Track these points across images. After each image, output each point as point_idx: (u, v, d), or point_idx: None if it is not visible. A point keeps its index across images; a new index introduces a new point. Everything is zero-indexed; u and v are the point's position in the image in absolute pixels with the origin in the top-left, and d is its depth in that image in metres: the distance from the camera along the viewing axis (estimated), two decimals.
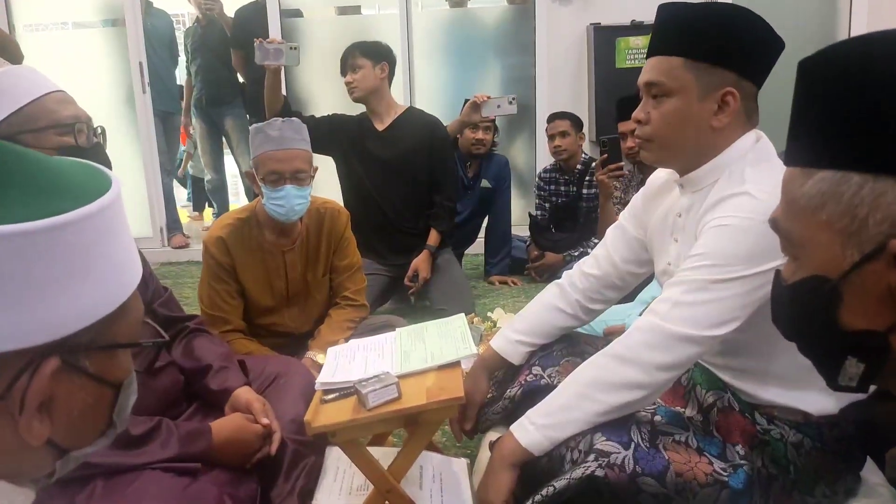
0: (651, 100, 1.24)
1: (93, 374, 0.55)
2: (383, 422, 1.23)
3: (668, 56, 1.20)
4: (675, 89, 1.20)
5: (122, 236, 0.58)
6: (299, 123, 1.89)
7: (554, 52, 4.02)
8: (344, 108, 2.99)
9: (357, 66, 2.75)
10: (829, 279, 0.58)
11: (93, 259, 0.53)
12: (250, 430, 1.35)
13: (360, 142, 2.84)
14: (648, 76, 1.23)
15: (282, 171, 1.85)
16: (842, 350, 0.59)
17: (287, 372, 1.67)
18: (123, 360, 0.60)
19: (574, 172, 3.44)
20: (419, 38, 4.20)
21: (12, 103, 1.21)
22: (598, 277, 1.50)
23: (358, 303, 2.12)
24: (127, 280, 0.58)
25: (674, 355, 1.12)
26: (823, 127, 0.58)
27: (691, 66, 1.18)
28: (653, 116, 1.24)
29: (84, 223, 0.52)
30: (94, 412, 0.58)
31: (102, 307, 0.55)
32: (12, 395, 0.51)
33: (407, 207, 2.87)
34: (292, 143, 1.86)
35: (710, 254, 1.12)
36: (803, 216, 0.60)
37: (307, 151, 1.91)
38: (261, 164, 1.87)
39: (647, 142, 1.27)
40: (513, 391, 1.47)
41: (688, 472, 1.12)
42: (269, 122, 1.85)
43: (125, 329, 0.58)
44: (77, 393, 0.55)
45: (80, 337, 0.54)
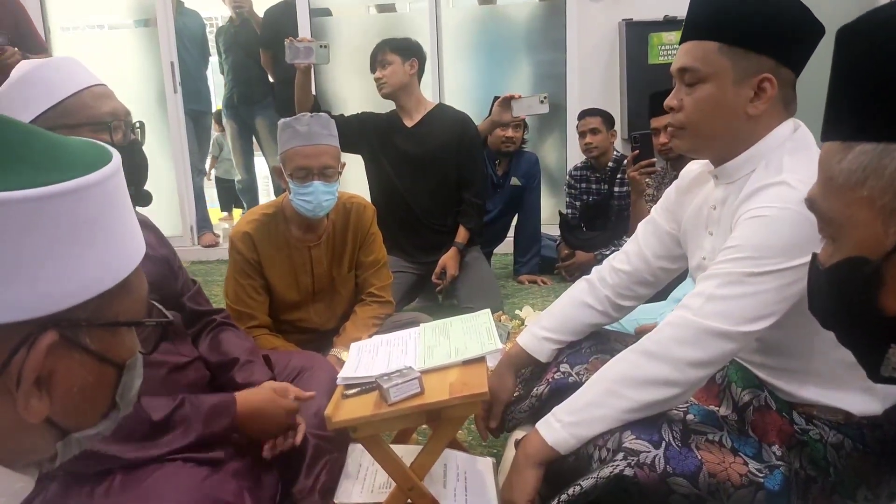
0: (684, 86, 1.20)
1: (93, 351, 0.54)
2: (405, 417, 1.21)
3: (703, 41, 1.16)
4: (710, 75, 1.15)
5: (123, 211, 0.57)
6: (327, 118, 1.88)
7: (585, 48, 3.97)
8: (373, 106, 2.98)
9: (386, 63, 2.74)
10: (870, 260, 0.54)
11: (93, 231, 0.52)
12: (280, 403, 1.32)
13: (389, 139, 2.83)
14: (682, 62, 1.19)
15: (309, 166, 1.84)
16: (884, 338, 0.55)
17: (311, 367, 1.66)
18: (127, 339, 0.59)
19: (605, 170, 3.38)
20: (449, 36, 4.18)
21: (51, 97, 1.21)
22: (628, 273, 1.46)
23: (383, 299, 2.10)
24: (128, 255, 0.57)
25: (707, 352, 1.07)
26: (865, 97, 0.54)
27: (727, 51, 1.13)
28: (686, 103, 1.19)
29: (83, 193, 0.51)
30: (96, 391, 0.57)
31: (103, 282, 0.54)
32: (10, 369, 0.50)
33: (435, 205, 2.85)
34: (320, 139, 1.84)
35: (746, 246, 1.07)
36: (842, 193, 0.55)
37: (335, 147, 1.90)
38: (288, 160, 1.87)
39: (680, 129, 1.22)
40: (540, 389, 1.44)
41: (721, 472, 1.07)
42: (297, 118, 1.84)
43: (128, 307, 0.57)
44: (77, 370, 0.54)
45: (80, 312, 0.53)
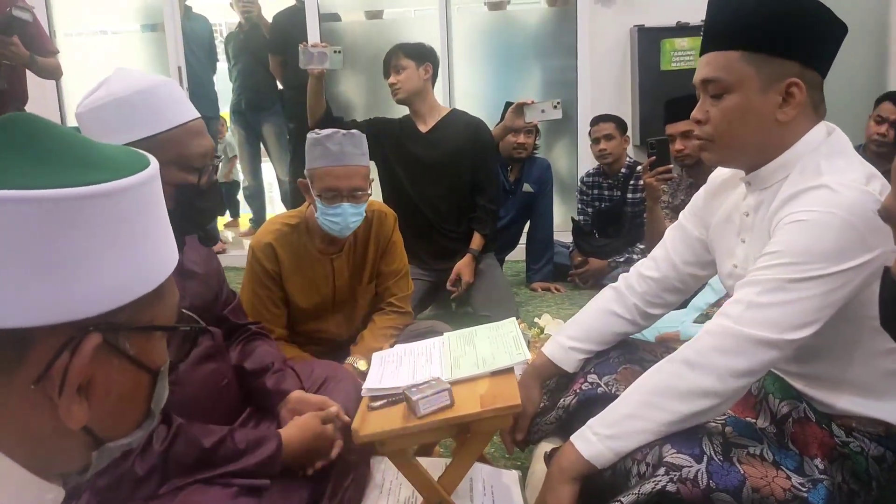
0: (709, 98, 1.17)
1: (132, 356, 0.54)
2: (434, 431, 1.18)
3: (724, 51, 1.14)
4: (735, 84, 1.13)
5: (160, 217, 0.57)
6: (360, 137, 1.83)
7: (596, 54, 3.94)
8: (382, 111, 2.98)
9: (401, 67, 2.72)
10: None
11: (131, 234, 0.53)
12: (326, 436, 1.30)
13: (403, 144, 2.81)
14: (705, 73, 1.16)
15: (339, 188, 1.79)
16: None
17: (335, 376, 1.63)
18: (160, 345, 0.59)
19: (618, 176, 3.35)
20: (458, 41, 4.17)
21: (148, 127, 1.15)
22: (657, 280, 1.43)
23: (403, 310, 2.07)
24: (165, 261, 0.57)
25: (749, 361, 1.04)
26: None
27: (750, 58, 1.11)
28: (712, 115, 1.17)
29: (121, 195, 0.51)
30: (132, 398, 0.56)
31: (141, 285, 0.54)
32: (52, 374, 0.49)
33: (449, 211, 2.83)
34: (352, 159, 1.80)
35: (787, 251, 1.04)
36: None
37: (366, 167, 1.85)
38: (317, 179, 1.82)
39: (709, 142, 1.20)
40: (567, 400, 1.41)
41: (765, 487, 1.04)
42: (328, 135, 1.79)
43: (162, 313, 0.57)
44: (116, 376, 0.53)
45: (119, 315, 0.52)
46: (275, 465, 1.21)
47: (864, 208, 1.02)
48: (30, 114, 0.52)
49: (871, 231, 1.01)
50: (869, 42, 3.85)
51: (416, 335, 2.04)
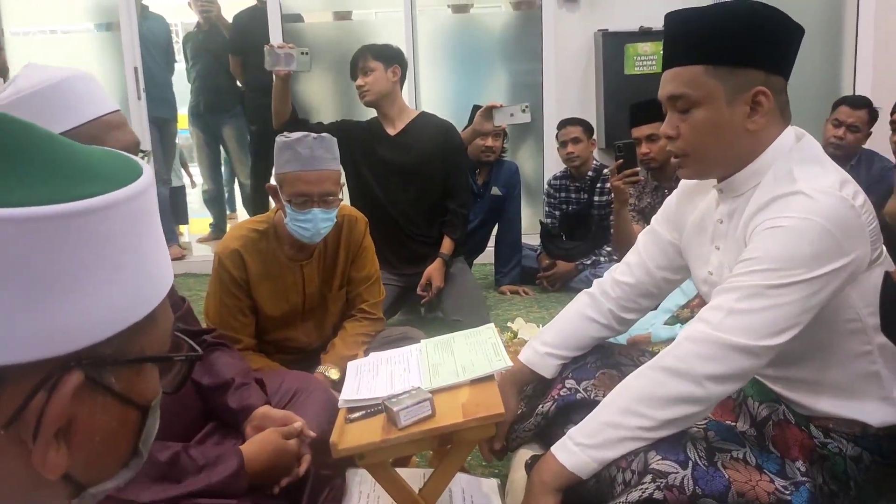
0: (677, 113, 1.17)
1: (118, 392, 0.48)
2: (416, 442, 1.15)
3: (687, 66, 1.13)
4: (702, 99, 1.13)
5: (155, 232, 0.50)
6: (331, 141, 1.79)
7: (562, 58, 3.97)
8: (349, 114, 2.93)
9: (368, 69, 2.68)
10: None
11: (123, 255, 0.46)
12: (289, 450, 1.25)
13: (371, 147, 2.77)
14: (670, 89, 1.16)
15: (310, 193, 1.75)
16: None
17: (306, 388, 1.59)
18: (151, 378, 0.52)
19: (585, 179, 3.37)
20: (424, 43, 4.15)
21: (65, 120, 1.09)
22: (631, 285, 1.43)
23: (374, 316, 2.03)
24: (159, 282, 0.50)
25: (729, 367, 1.04)
26: None
27: (715, 72, 1.11)
28: (683, 130, 1.16)
29: (113, 211, 0.44)
30: (118, 439, 0.50)
31: (133, 312, 0.47)
32: (25, 417, 0.42)
33: (419, 215, 2.80)
34: (323, 164, 1.75)
35: (766, 257, 1.05)
36: None
37: (337, 171, 1.81)
38: (287, 183, 1.77)
39: (684, 157, 1.20)
40: (545, 406, 1.40)
41: (749, 491, 1.04)
42: (299, 139, 1.74)
43: (154, 341, 0.50)
44: (100, 415, 0.47)
45: (105, 347, 0.45)
46: (240, 484, 1.16)
47: (840, 214, 1.03)
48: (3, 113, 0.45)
49: (847, 236, 1.03)
50: (823, 46, 3.96)
51: (388, 342, 2.01)
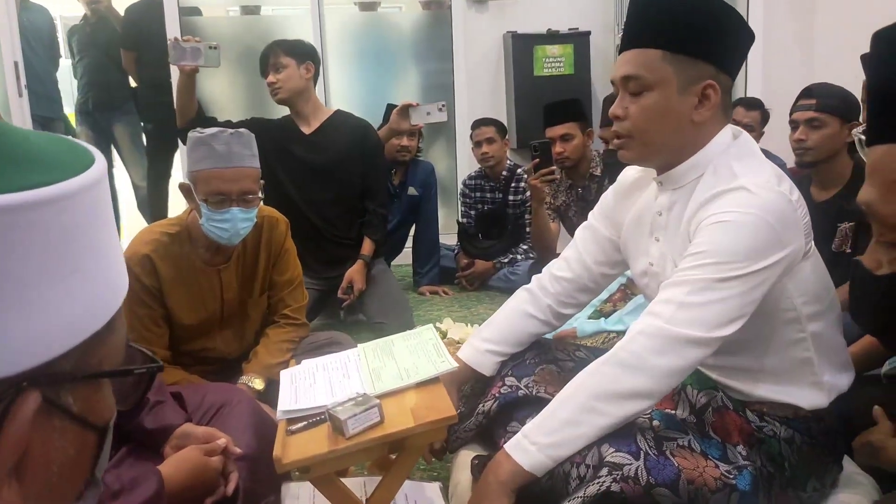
0: (629, 95, 1.19)
1: (77, 414, 0.42)
2: (365, 451, 1.10)
3: (646, 49, 1.16)
4: (655, 83, 1.15)
5: (111, 226, 0.44)
6: (249, 136, 1.68)
7: (472, 58, 3.99)
8: (253, 112, 2.81)
9: (280, 66, 2.57)
10: None
11: (82, 253, 0.40)
12: (211, 467, 1.17)
13: (284, 147, 2.66)
14: (626, 70, 1.18)
15: (228, 191, 1.64)
16: None
17: (230, 401, 1.49)
18: (108, 395, 0.46)
19: (500, 179, 3.40)
20: (332, 41, 4.05)
21: None
22: (570, 280, 1.44)
23: (299, 321, 1.95)
24: (119, 283, 0.44)
25: (683, 359, 1.06)
26: None
27: (671, 58, 1.14)
28: (632, 111, 1.18)
29: (70, 202, 0.39)
30: (75, 467, 0.43)
31: (93, 320, 0.41)
32: None
33: (337, 216, 2.72)
34: (241, 161, 1.65)
35: (712, 251, 1.07)
36: None
37: (256, 169, 1.71)
38: (201, 182, 1.65)
39: (628, 139, 1.21)
40: (486, 405, 1.38)
41: (698, 478, 1.06)
42: (214, 135, 1.63)
43: (111, 352, 0.44)
44: (57, 442, 0.41)
45: (64, 362, 0.39)
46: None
47: (779, 208, 1.07)
48: None
49: (785, 229, 1.07)
50: None
51: (315, 348, 1.94)
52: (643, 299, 2.02)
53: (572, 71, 3.86)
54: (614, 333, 1.98)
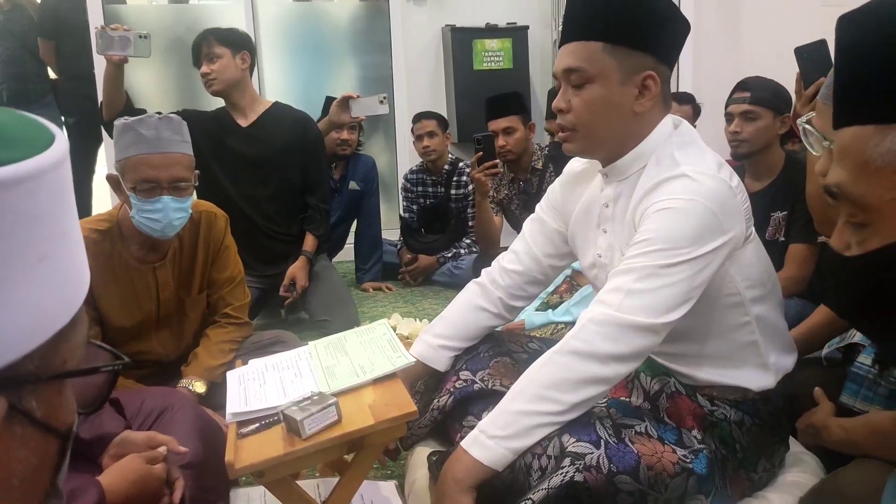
0: (571, 88, 1.19)
1: (39, 419, 0.38)
2: (323, 451, 1.06)
3: (587, 41, 1.16)
4: (597, 75, 1.15)
5: (73, 210, 0.41)
6: (179, 122, 1.60)
7: (411, 52, 3.96)
8: (184, 103, 2.70)
9: (214, 56, 2.47)
10: None
11: (49, 240, 0.36)
12: (154, 475, 1.10)
13: (220, 140, 2.56)
14: (568, 62, 1.18)
15: (158, 179, 1.55)
16: None
17: (171, 406, 1.42)
18: (69, 397, 0.42)
19: (442, 173, 3.39)
20: (265, 32, 3.93)
21: None
22: (520, 273, 1.44)
23: (241, 321, 1.87)
24: (83, 274, 0.41)
25: (632, 346, 1.07)
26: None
27: (611, 50, 1.14)
28: (575, 104, 1.19)
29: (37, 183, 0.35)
30: (38, 477, 0.39)
31: (60, 316, 0.37)
32: None
33: (277, 212, 2.63)
34: (171, 146, 1.57)
35: (657, 238, 1.08)
36: (882, 177, 0.54)
37: (188, 155, 1.62)
38: (130, 170, 1.56)
39: (572, 132, 1.21)
40: (441, 400, 1.36)
41: (657, 464, 1.07)
42: (140, 120, 1.55)
43: (74, 350, 0.41)
44: (19, 451, 0.37)
45: (28, 363, 0.36)
46: None
47: (720, 195, 1.09)
48: None
49: (726, 215, 1.09)
50: None
51: (259, 348, 1.87)
52: (589, 290, 2.04)
53: (511, 65, 3.88)
54: (562, 325, 2.00)
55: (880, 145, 0.54)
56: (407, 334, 2.10)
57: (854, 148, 0.57)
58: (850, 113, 0.58)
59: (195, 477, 1.25)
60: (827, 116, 1.04)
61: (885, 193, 0.55)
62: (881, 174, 0.55)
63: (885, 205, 0.55)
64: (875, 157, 0.55)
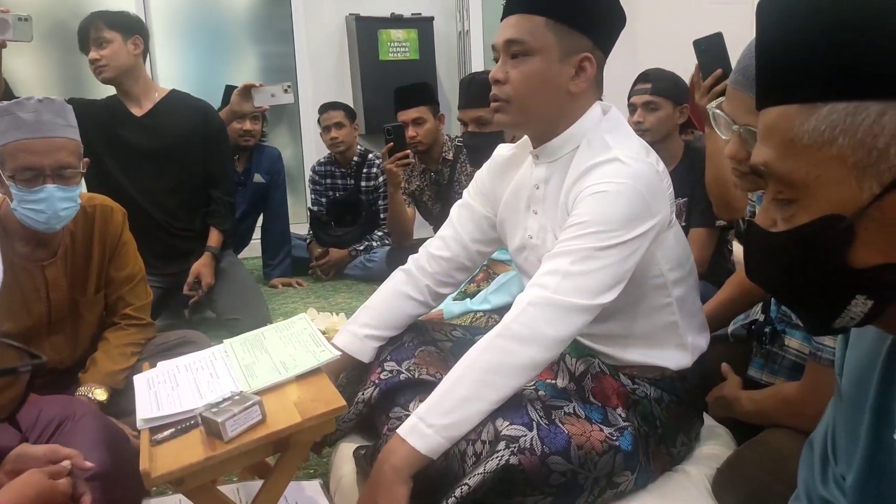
0: (510, 59, 1.19)
1: None
2: (247, 454, 1.00)
3: (530, 15, 1.17)
4: (537, 49, 1.16)
5: None
6: (63, 105, 1.47)
7: (314, 41, 3.85)
8: (70, 91, 2.50)
9: (104, 41, 2.29)
10: (845, 217, 0.55)
11: None
12: (60, 493, 1.00)
13: (111, 131, 2.39)
14: (510, 33, 1.18)
15: (39, 165, 1.43)
16: (850, 290, 0.57)
17: (72, 415, 1.31)
18: None
19: (351, 165, 3.32)
20: (157, 17, 3.71)
21: None
22: (448, 259, 1.43)
23: (143, 321, 1.76)
24: None
25: (570, 327, 1.08)
26: (828, 58, 0.55)
27: (553, 26, 1.16)
28: (512, 76, 1.19)
29: None
30: None
31: None
32: None
33: (178, 206, 2.49)
34: (54, 130, 1.44)
35: (593, 221, 1.10)
36: (808, 153, 0.56)
37: (74, 140, 1.50)
38: (8, 157, 1.42)
39: (506, 103, 1.21)
40: (366, 393, 1.33)
41: (586, 443, 1.09)
42: (18, 102, 1.42)
43: None
44: None
45: None
46: None
47: (649, 178, 1.12)
48: None
49: (654, 198, 1.12)
50: None
51: (166, 349, 1.76)
52: (507, 278, 2.06)
53: (418, 56, 3.86)
54: (481, 313, 2.00)
55: (806, 123, 0.56)
56: (324, 329, 2.04)
57: (780, 127, 0.58)
58: (773, 94, 0.60)
59: (103, 489, 1.16)
60: (737, 101, 1.09)
61: (812, 170, 0.57)
62: (807, 151, 0.56)
63: (812, 181, 0.57)
64: (801, 135, 0.56)
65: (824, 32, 0.55)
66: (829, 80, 0.55)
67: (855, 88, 0.54)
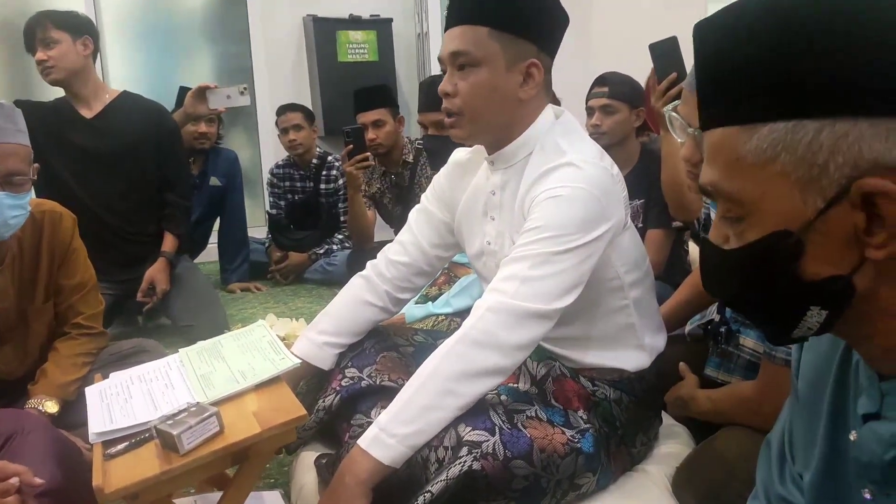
0: (457, 71, 1.19)
1: None
2: (204, 466, 0.98)
3: (473, 25, 1.17)
4: (483, 59, 1.16)
5: None
6: (11, 108, 1.41)
7: (272, 42, 3.80)
8: (13, 94, 2.41)
9: (51, 41, 2.22)
10: (792, 232, 0.56)
11: None
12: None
13: (60, 133, 2.31)
14: (455, 45, 1.18)
15: None
16: (804, 302, 0.58)
17: (21, 429, 1.25)
18: None
19: (310, 167, 3.29)
20: (108, 17, 3.61)
21: None
22: (406, 265, 1.42)
23: (94, 330, 1.70)
24: None
25: (530, 333, 1.08)
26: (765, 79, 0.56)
27: (497, 35, 1.16)
28: (461, 88, 1.19)
29: None
30: None
31: None
32: None
33: (131, 210, 2.42)
34: (3, 136, 1.38)
35: (549, 226, 1.10)
36: (753, 172, 0.57)
37: (24, 147, 1.44)
38: None
39: (459, 116, 1.21)
40: (327, 400, 1.31)
41: (548, 446, 1.09)
42: None
43: None
44: None
45: None
46: None
47: (603, 182, 1.13)
48: None
49: (609, 202, 1.13)
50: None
51: (119, 359, 1.71)
52: (468, 281, 2.06)
53: (377, 58, 3.84)
54: (443, 316, 2.00)
55: (749, 143, 0.57)
56: (283, 335, 2.01)
57: (724, 147, 0.59)
58: (715, 116, 0.61)
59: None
60: (691, 104, 1.11)
61: (757, 188, 0.57)
62: (752, 170, 0.57)
63: (759, 198, 0.58)
64: (745, 155, 0.57)
65: (759, 55, 0.56)
66: (768, 101, 0.56)
67: (792, 109, 0.54)
